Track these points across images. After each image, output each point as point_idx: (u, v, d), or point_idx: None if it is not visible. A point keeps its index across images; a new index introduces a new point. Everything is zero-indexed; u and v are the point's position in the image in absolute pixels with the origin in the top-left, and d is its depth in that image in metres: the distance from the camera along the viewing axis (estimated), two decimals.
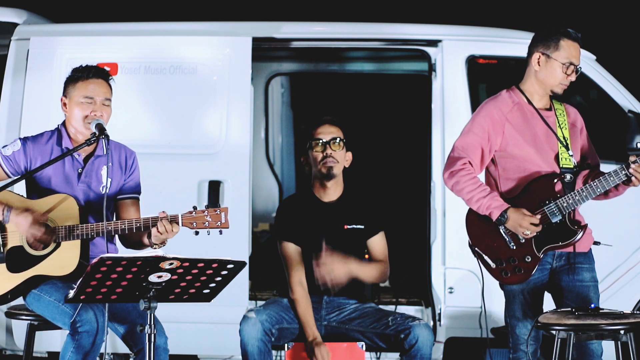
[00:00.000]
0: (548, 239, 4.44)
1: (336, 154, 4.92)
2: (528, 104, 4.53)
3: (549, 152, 4.49)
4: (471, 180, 4.46)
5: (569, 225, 4.44)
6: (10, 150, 4.42)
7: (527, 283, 4.49)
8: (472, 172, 4.47)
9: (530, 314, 4.50)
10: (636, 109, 5.87)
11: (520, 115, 4.51)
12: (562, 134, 4.50)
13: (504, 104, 4.53)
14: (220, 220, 4.23)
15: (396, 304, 5.89)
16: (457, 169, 4.47)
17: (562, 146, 4.49)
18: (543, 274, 4.52)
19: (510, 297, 4.57)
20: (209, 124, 5.91)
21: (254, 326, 4.65)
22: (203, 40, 5.98)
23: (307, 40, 6.22)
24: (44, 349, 5.85)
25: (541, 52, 4.52)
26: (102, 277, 3.71)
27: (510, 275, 4.48)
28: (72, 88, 4.42)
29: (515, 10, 8.15)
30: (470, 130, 4.53)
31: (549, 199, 4.43)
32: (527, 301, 4.52)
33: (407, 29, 6.19)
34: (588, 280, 4.50)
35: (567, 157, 4.48)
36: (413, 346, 4.66)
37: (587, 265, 4.51)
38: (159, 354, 4.19)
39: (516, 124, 4.49)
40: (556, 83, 4.48)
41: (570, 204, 4.41)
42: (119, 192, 4.50)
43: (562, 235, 4.44)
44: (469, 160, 4.48)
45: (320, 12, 7.41)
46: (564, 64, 4.46)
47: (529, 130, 4.49)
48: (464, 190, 4.46)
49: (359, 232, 4.98)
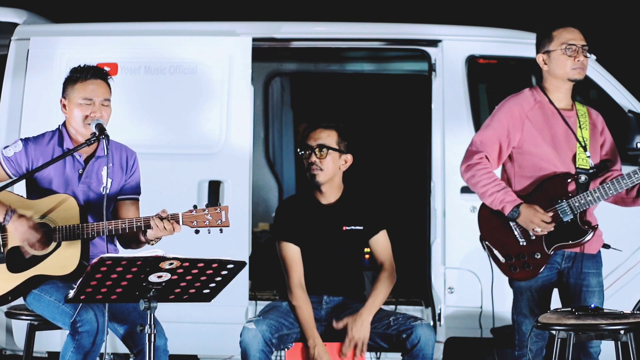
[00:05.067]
0: (558, 237, 4.47)
1: (322, 162, 4.88)
2: (549, 103, 4.56)
3: (567, 152, 4.51)
4: (486, 174, 4.50)
5: (580, 225, 4.47)
6: (11, 151, 4.42)
7: (535, 280, 4.52)
8: (488, 166, 4.52)
9: (537, 312, 4.52)
10: (636, 109, 5.87)
11: (540, 114, 4.54)
12: (582, 135, 4.53)
13: (526, 102, 4.56)
14: (221, 219, 4.23)
15: (396, 304, 5.89)
16: (474, 162, 4.53)
17: (580, 147, 4.51)
18: (552, 273, 4.55)
19: (518, 294, 4.59)
20: (209, 124, 5.91)
21: (254, 338, 4.64)
22: (203, 40, 5.98)
23: (307, 40, 6.22)
24: (44, 349, 5.85)
25: (542, 52, 4.58)
26: (102, 277, 3.71)
27: (519, 271, 4.51)
28: (71, 89, 4.42)
29: (515, 10, 8.15)
30: (490, 125, 4.57)
31: (561, 198, 4.46)
32: (535, 299, 4.55)
33: (407, 29, 6.19)
34: (594, 286, 4.55)
35: (584, 158, 4.50)
36: (415, 346, 4.65)
37: (594, 271, 4.55)
38: (158, 356, 4.18)
39: (536, 122, 4.52)
40: (567, 70, 4.52)
41: (582, 204, 4.44)
42: (119, 193, 4.50)
43: (573, 234, 4.48)
44: (485, 155, 4.53)
45: (320, 12, 7.40)
46: (562, 49, 4.50)
47: (548, 129, 4.52)
48: (479, 184, 4.51)
49: (359, 233, 4.97)
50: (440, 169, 5.96)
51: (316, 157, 4.88)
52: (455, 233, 5.92)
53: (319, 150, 4.89)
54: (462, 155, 5.92)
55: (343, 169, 4.97)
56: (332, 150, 4.89)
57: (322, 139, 4.92)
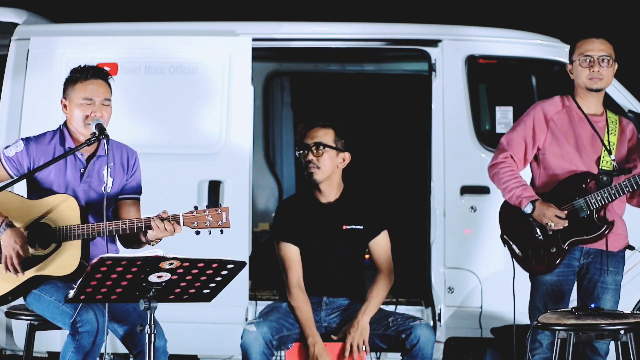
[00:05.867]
0: (573, 232, 4.62)
1: (319, 160, 4.89)
2: (578, 108, 4.73)
3: (591, 154, 4.68)
4: (509, 172, 4.71)
5: (595, 221, 4.61)
6: (13, 151, 4.41)
7: (552, 275, 4.66)
8: (511, 165, 4.73)
9: (550, 307, 4.63)
10: (636, 109, 5.88)
11: (566, 118, 4.72)
12: (609, 139, 4.69)
13: (553, 106, 4.77)
14: (222, 220, 4.24)
15: (396, 304, 5.88)
16: (499, 161, 4.76)
17: (606, 150, 4.67)
18: (569, 270, 4.69)
19: (534, 288, 4.75)
20: (209, 124, 5.91)
21: (255, 340, 4.65)
22: (203, 40, 5.98)
23: (307, 40, 6.22)
24: (44, 349, 5.85)
25: (569, 62, 4.79)
26: (102, 277, 3.71)
27: (535, 264, 4.69)
28: (71, 89, 4.42)
29: (515, 10, 8.14)
30: (516, 127, 4.81)
31: (579, 195, 4.62)
32: (549, 294, 4.68)
33: (407, 29, 6.19)
34: (609, 284, 4.68)
35: (609, 161, 4.66)
36: (414, 346, 4.66)
37: (612, 269, 4.69)
38: (158, 357, 4.18)
39: (561, 125, 4.71)
40: (583, 79, 4.70)
41: (598, 200, 4.58)
42: (120, 192, 4.50)
43: (588, 229, 4.63)
44: (510, 155, 4.75)
45: (320, 12, 7.39)
46: (580, 61, 4.68)
47: (573, 132, 4.70)
48: (501, 181, 4.72)
49: (359, 233, 4.97)
50: (441, 169, 5.96)
51: (313, 155, 4.89)
52: (455, 233, 5.92)
53: (316, 149, 4.90)
54: (462, 155, 5.94)
55: (341, 167, 4.98)
56: (329, 148, 4.90)
57: (319, 137, 4.92)
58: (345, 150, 4.98)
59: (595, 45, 4.69)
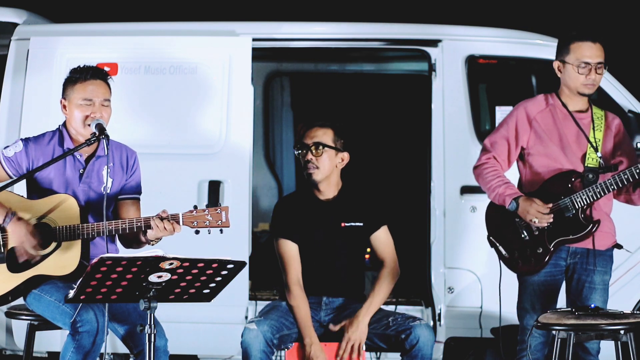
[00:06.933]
0: (559, 232, 4.59)
1: (318, 160, 4.89)
2: (562, 106, 4.70)
3: (576, 152, 4.64)
4: (492, 172, 4.69)
5: (581, 220, 4.58)
6: (12, 151, 4.42)
7: (539, 275, 4.64)
8: (495, 165, 4.71)
9: (538, 307, 4.62)
10: (636, 109, 5.87)
11: (550, 116, 4.68)
12: (594, 136, 4.65)
13: (536, 105, 4.73)
14: (221, 219, 4.24)
15: (396, 304, 5.89)
16: (482, 163, 4.75)
17: (591, 147, 4.62)
18: (556, 270, 4.66)
19: (522, 288, 4.72)
20: (209, 124, 5.91)
21: (256, 338, 4.64)
22: (203, 40, 5.98)
23: (307, 40, 6.22)
24: (44, 349, 5.85)
25: (559, 60, 4.69)
26: (102, 277, 3.71)
27: (522, 265, 4.67)
28: (70, 90, 4.41)
29: (515, 10, 8.14)
30: (499, 128, 4.79)
31: (564, 194, 4.58)
32: (537, 294, 4.66)
33: (407, 29, 6.19)
34: (597, 283, 4.63)
35: (595, 158, 4.62)
36: (414, 346, 4.65)
37: (600, 268, 4.64)
38: (158, 356, 4.19)
39: (545, 124, 4.67)
40: (577, 85, 4.64)
41: (583, 198, 4.55)
42: (120, 192, 4.50)
43: (573, 228, 4.59)
44: (494, 155, 4.73)
45: (320, 12, 7.40)
46: (576, 66, 4.60)
47: (557, 130, 4.66)
48: (485, 181, 4.71)
49: (358, 230, 4.96)
50: (441, 169, 5.96)
51: (312, 155, 4.88)
52: (455, 233, 5.92)
53: (315, 148, 4.89)
54: (462, 155, 5.94)
55: (340, 167, 4.97)
56: (328, 147, 4.89)
57: (318, 137, 4.92)
58: (344, 150, 4.97)
59: (594, 51, 4.61)
